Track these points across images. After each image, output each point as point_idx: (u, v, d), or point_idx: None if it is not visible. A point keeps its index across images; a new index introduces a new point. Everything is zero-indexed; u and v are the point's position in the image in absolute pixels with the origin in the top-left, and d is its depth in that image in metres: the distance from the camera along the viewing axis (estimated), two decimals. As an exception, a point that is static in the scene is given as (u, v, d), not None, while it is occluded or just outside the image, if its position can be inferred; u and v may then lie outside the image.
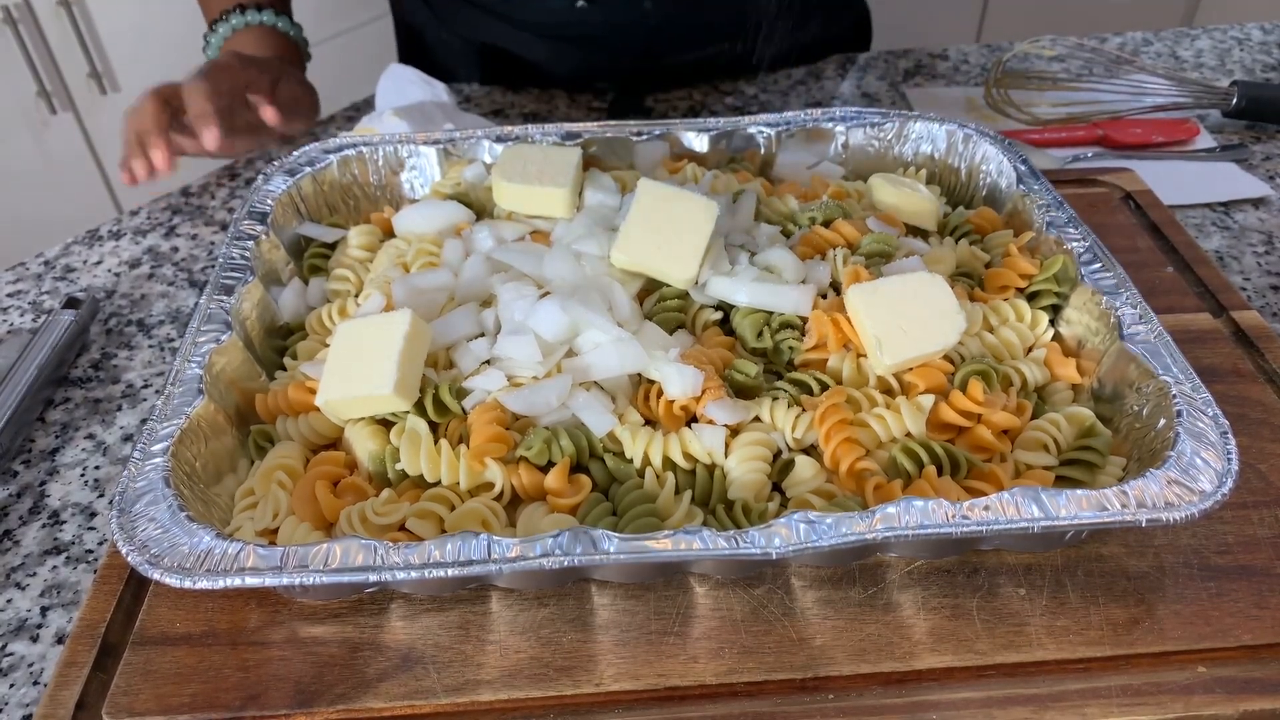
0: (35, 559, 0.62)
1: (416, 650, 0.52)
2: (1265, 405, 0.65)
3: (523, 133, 0.80)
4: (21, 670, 0.56)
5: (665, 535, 0.48)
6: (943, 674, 0.51)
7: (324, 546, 0.48)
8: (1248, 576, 0.55)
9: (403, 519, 0.54)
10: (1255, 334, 0.71)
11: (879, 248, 0.68)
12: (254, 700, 0.50)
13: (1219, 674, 0.50)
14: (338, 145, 0.79)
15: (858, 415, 0.58)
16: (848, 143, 0.82)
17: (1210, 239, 0.89)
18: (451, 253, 0.71)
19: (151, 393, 0.76)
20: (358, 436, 0.58)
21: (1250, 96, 1.05)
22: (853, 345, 0.62)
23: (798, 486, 0.56)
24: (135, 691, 0.50)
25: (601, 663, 0.51)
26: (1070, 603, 0.53)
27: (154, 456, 0.53)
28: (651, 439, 0.57)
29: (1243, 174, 0.98)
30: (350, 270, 0.73)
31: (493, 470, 0.55)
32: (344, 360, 0.58)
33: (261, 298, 0.67)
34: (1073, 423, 0.59)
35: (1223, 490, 0.49)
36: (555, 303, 0.61)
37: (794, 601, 0.54)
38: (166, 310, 0.84)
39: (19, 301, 0.86)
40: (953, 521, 0.48)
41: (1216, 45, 1.27)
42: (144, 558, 0.48)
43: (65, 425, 0.73)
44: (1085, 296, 0.64)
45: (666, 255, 0.64)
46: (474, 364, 0.61)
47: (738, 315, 0.64)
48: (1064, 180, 0.89)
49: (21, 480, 0.68)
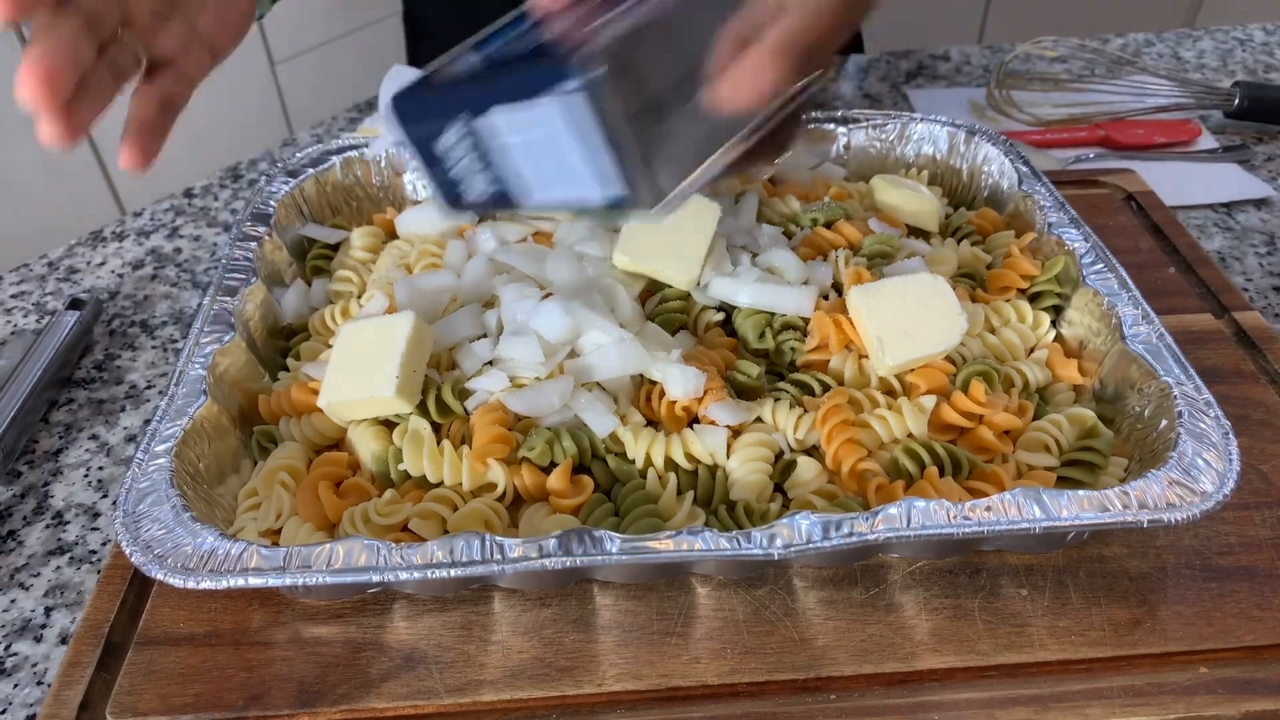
0: (39, 559, 0.63)
1: (419, 650, 0.52)
2: (1267, 406, 0.65)
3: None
4: (25, 670, 0.56)
5: (667, 536, 0.48)
6: (945, 674, 0.51)
7: (327, 547, 0.48)
8: (1250, 577, 0.55)
9: (405, 519, 0.54)
10: (1257, 335, 0.71)
11: (881, 249, 0.68)
12: (257, 700, 0.50)
13: (1221, 675, 0.50)
14: (341, 146, 0.79)
15: (859, 416, 0.59)
16: (849, 144, 0.82)
17: (1212, 240, 0.89)
18: (454, 254, 0.71)
19: (155, 393, 0.76)
20: (360, 437, 0.58)
21: (1252, 97, 1.04)
22: (854, 346, 0.62)
23: (799, 487, 0.56)
24: (139, 691, 0.50)
25: (604, 663, 0.51)
26: (1072, 603, 0.53)
27: (157, 457, 0.53)
28: (654, 440, 0.57)
29: (1245, 175, 0.98)
30: (353, 271, 0.73)
31: (495, 471, 0.56)
32: (346, 362, 0.58)
33: (264, 299, 0.68)
34: (1074, 423, 0.59)
35: (1224, 491, 0.49)
36: (557, 304, 0.62)
37: (796, 602, 0.54)
38: (170, 311, 0.84)
39: (23, 303, 0.86)
40: (954, 522, 0.48)
41: (1218, 46, 1.27)
42: (147, 558, 0.48)
43: (69, 426, 0.73)
44: (1087, 297, 0.64)
45: (668, 256, 0.64)
46: (476, 365, 0.61)
47: (739, 316, 0.65)
48: (1066, 181, 0.89)
49: (25, 481, 0.68)
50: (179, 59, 0.58)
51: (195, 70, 0.59)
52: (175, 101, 0.58)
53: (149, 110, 0.55)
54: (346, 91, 1.18)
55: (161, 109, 0.56)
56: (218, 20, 0.61)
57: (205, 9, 0.60)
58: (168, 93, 0.57)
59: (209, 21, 0.60)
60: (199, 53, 0.59)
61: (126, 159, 0.54)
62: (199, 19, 0.59)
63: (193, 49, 0.59)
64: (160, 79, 0.57)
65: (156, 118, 0.56)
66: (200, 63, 0.60)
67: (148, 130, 0.55)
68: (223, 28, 0.61)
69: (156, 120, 0.56)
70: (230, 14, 0.62)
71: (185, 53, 0.58)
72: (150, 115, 0.55)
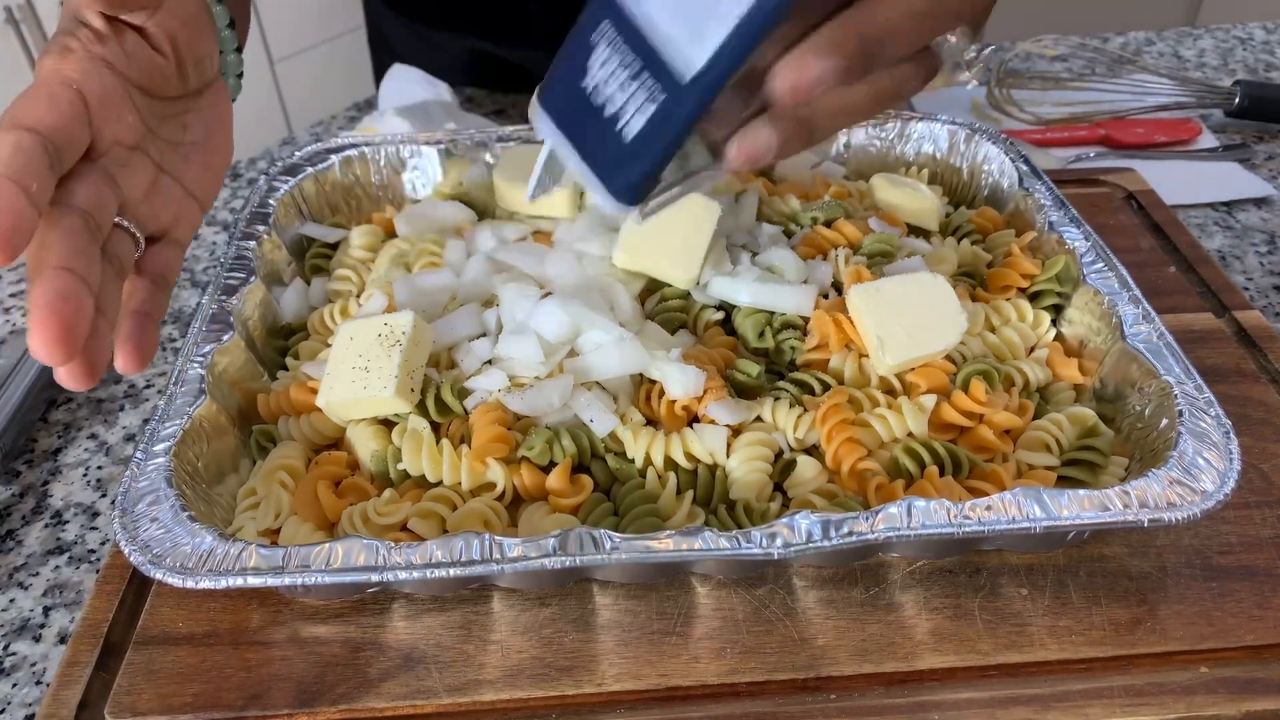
0: (38, 559, 0.63)
1: (418, 650, 0.52)
2: (1268, 405, 0.65)
3: (525, 133, 0.80)
4: (24, 670, 0.56)
5: (667, 535, 0.48)
6: (945, 674, 0.51)
7: (326, 546, 0.48)
8: (1250, 577, 0.55)
9: (405, 519, 0.54)
10: (1258, 334, 0.71)
11: (881, 248, 0.68)
12: (256, 700, 0.50)
13: (1221, 674, 0.50)
14: (339, 145, 0.79)
15: (859, 415, 0.58)
16: (849, 142, 0.82)
17: (1213, 239, 0.89)
18: (453, 253, 0.71)
19: (154, 393, 0.76)
20: (359, 436, 0.58)
21: (1253, 96, 1.04)
22: (854, 345, 0.62)
23: (799, 486, 0.56)
24: (138, 691, 0.50)
25: (603, 663, 0.51)
26: (1072, 603, 0.53)
27: (156, 456, 0.53)
28: (653, 439, 0.57)
29: (1245, 174, 0.97)
30: (352, 270, 0.73)
31: (494, 470, 0.55)
32: (345, 361, 0.58)
33: (263, 298, 0.67)
34: (1075, 423, 0.59)
35: (1225, 490, 0.49)
36: (557, 303, 0.61)
37: (796, 601, 0.54)
38: (168, 310, 0.84)
39: (21, 301, 0.86)
40: (955, 522, 0.48)
41: (1219, 45, 1.26)
42: (146, 558, 0.48)
43: (67, 425, 0.73)
44: (1087, 296, 0.64)
45: (668, 255, 0.64)
46: (476, 364, 0.61)
47: (739, 315, 0.64)
48: (1066, 180, 0.89)
49: (24, 480, 0.68)
50: (173, 228, 0.50)
51: (187, 234, 0.51)
52: (169, 277, 0.49)
53: (142, 296, 0.47)
54: (345, 90, 1.18)
55: (155, 291, 0.48)
56: (204, 168, 0.52)
57: (190, 161, 0.51)
58: (160, 269, 0.49)
59: (196, 173, 0.51)
60: (190, 213, 0.51)
61: (125, 363, 0.45)
62: (186, 174, 0.50)
63: (185, 211, 0.51)
64: (155, 257, 0.49)
65: (151, 304, 0.47)
66: (191, 223, 0.51)
67: (143, 322, 0.47)
68: (209, 174, 0.53)
69: (152, 306, 0.47)
70: (216, 156, 0.53)
71: (179, 220, 0.50)
72: (144, 303, 0.47)
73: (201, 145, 0.52)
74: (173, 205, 0.50)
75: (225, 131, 0.54)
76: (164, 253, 0.49)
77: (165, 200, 0.49)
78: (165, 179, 0.49)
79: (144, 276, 0.48)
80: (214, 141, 0.53)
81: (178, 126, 0.51)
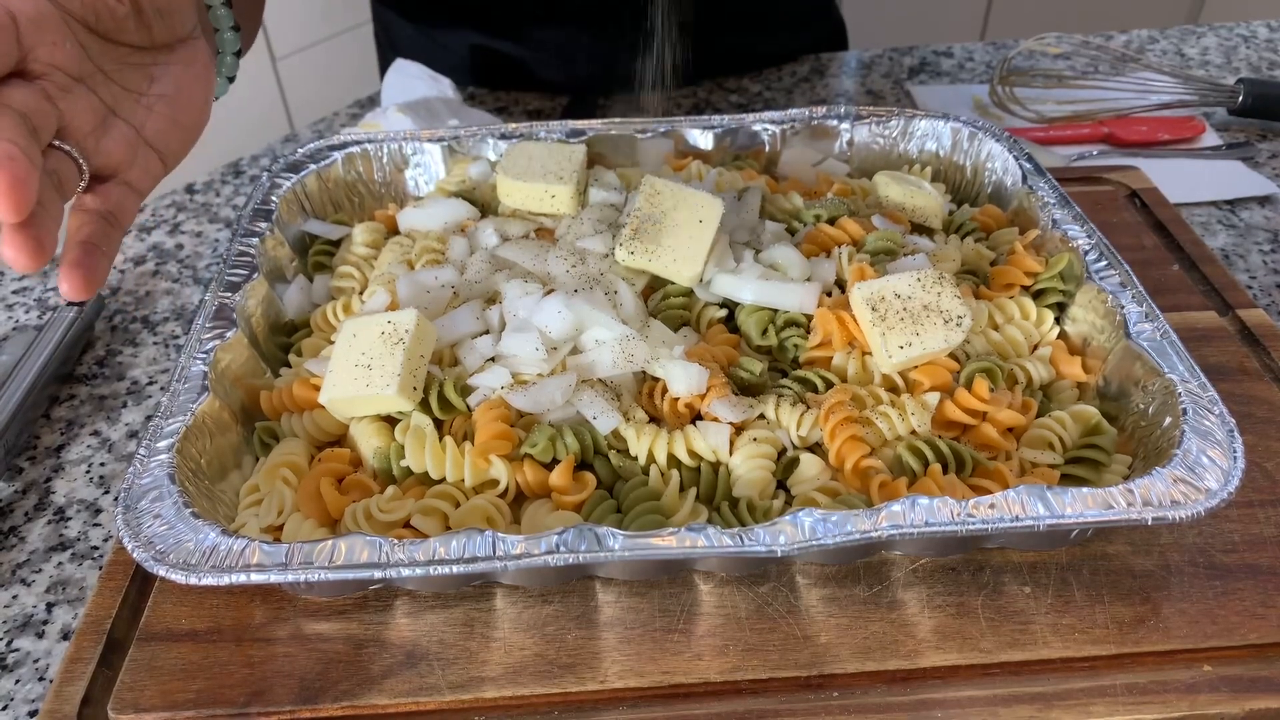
0: (41, 555, 0.63)
1: (421, 647, 0.52)
2: (1271, 404, 0.65)
3: (527, 130, 0.80)
4: (27, 666, 0.56)
5: (670, 533, 0.48)
6: (947, 672, 0.51)
7: (329, 543, 0.48)
8: (1253, 575, 0.54)
9: (407, 516, 0.54)
10: (1261, 332, 0.71)
11: (884, 245, 0.68)
12: (259, 696, 0.50)
13: (1224, 673, 0.50)
14: (342, 142, 0.79)
15: (863, 413, 0.58)
16: (853, 140, 0.82)
17: (1216, 237, 0.89)
18: (456, 250, 0.71)
19: (156, 389, 0.76)
20: (362, 433, 0.58)
21: (1256, 94, 1.04)
22: (857, 343, 0.62)
23: (802, 484, 0.56)
24: (140, 687, 0.50)
25: (606, 660, 0.51)
26: (1075, 601, 0.53)
27: (159, 453, 0.53)
28: (656, 436, 0.57)
29: (1249, 172, 0.97)
30: (355, 267, 0.73)
31: (497, 467, 0.55)
32: (348, 358, 0.58)
33: (266, 295, 0.67)
34: (1078, 420, 0.59)
35: (1228, 488, 0.49)
36: (560, 300, 0.61)
37: (798, 599, 0.54)
38: (171, 307, 0.84)
39: (24, 298, 0.86)
40: (958, 519, 0.48)
41: (1222, 43, 1.26)
42: (149, 554, 0.48)
43: (70, 422, 0.73)
44: (1091, 294, 0.63)
45: (671, 253, 0.64)
46: (479, 361, 0.61)
47: (742, 313, 0.64)
48: (1069, 178, 0.89)
49: (27, 477, 0.68)
50: (124, 170, 0.50)
51: (143, 182, 0.51)
52: (120, 218, 0.50)
53: (90, 229, 0.48)
54: (348, 87, 1.18)
55: (105, 227, 0.49)
56: (169, 122, 0.53)
57: (153, 112, 0.52)
58: (111, 208, 0.49)
59: (158, 125, 0.52)
60: (148, 161, 0.52)
61: (69, 287, 0.46)
62: (146, 123, 0.52)
63: (140, 158, 0.51)
64: (106, 195, 0.49)
65: (100, 237, 0.48)
66: (150, 172, 0.52)
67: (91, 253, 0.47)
68: (175, 130, 0.53)
69: (100, 239, 0.48)
70: (184, 114, 0.54)
71: (131, 163, 0.51)
72: (92, 235, 0.48)
73: (169, 99, 0.53)
74: (124, 148, 0.50)
75: (200, 92, 0.55)
76: (114, 191, 0.50)
77: (116, 141, 0.50)
78: (119, 122, 0.50)
79: (92, 212, 0.49)
80: (185, 99, 0.54)
81: (141, 77, 0.52)
